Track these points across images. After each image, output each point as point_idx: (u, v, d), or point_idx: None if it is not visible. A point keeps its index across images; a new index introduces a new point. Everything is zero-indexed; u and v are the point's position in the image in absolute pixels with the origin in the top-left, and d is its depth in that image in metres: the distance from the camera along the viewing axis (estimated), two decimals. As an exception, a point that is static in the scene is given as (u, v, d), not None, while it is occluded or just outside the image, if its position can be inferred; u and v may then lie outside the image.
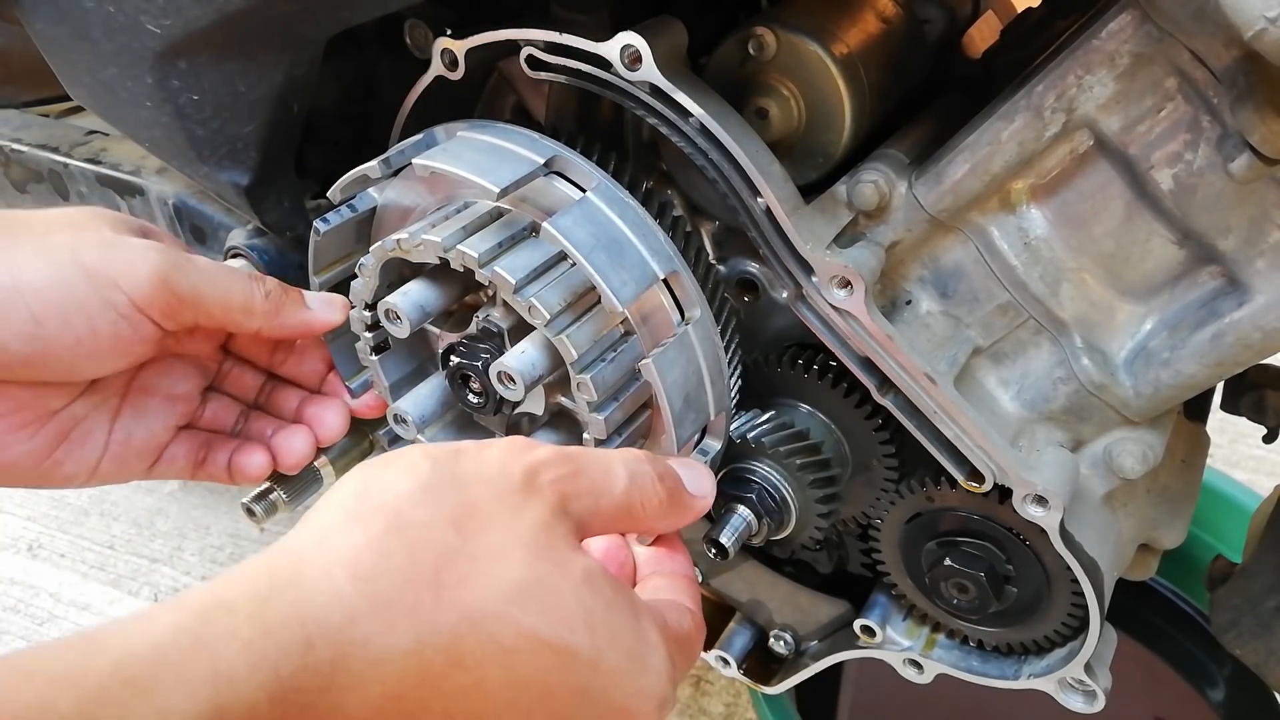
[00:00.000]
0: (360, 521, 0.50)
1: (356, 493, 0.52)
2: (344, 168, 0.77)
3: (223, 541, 1.89)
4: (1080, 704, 0.82)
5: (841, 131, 0.77)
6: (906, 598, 0.88)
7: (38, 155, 1.06)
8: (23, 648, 0.44)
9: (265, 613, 0.46)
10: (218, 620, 0.45)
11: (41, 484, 0.74)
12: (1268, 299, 0.66)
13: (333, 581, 0.48)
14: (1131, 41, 0.63)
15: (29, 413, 0.72)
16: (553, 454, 0.57)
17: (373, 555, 0.49)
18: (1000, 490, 0.74)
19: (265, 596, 0.47)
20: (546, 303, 0.66)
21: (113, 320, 0.68)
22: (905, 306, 0.78)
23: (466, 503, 0.53)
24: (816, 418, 0.85)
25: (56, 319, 0.66)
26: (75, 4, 0.72)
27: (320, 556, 0.49)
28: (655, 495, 0.61)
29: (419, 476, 0.53)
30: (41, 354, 0.66)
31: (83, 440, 0.75)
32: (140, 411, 0.78)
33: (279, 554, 0.50)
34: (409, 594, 0.49)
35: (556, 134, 0.73)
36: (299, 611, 0.46)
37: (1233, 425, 1.18)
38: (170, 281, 0.69)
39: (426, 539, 0.50)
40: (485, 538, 0.52)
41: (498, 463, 0.55)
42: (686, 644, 0.60)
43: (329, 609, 0.47)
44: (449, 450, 0.56)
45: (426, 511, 0.51)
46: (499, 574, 0.51)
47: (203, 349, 0.81)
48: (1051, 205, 0.72)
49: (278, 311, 0.75)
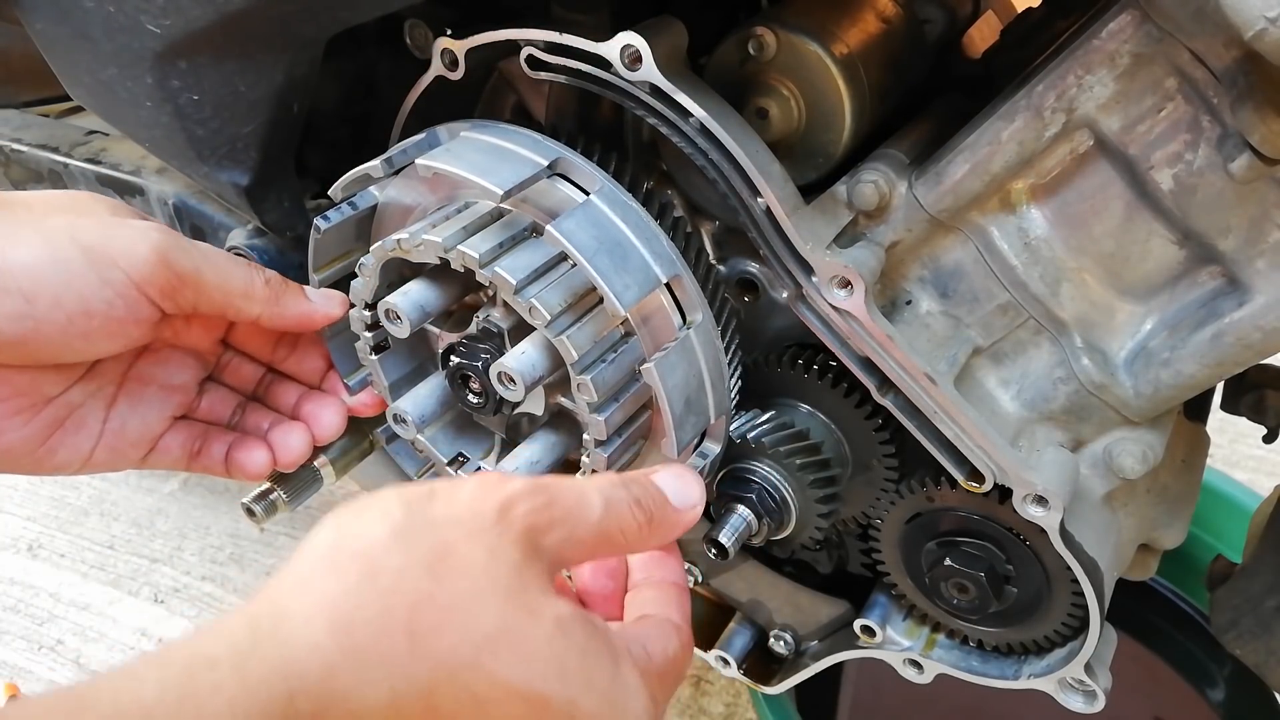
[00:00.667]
0: (335, 570, 0.51)
1: (331, 542, 0.52)
2: (344, 168, 0.77)
3: (223, 541, 1.89)
4: (1080, 704, 0.82)
5: (841, 131, 0.77)
6: (906, 598, 0.88)
7: (38, 155, 1.06)
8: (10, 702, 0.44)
9: (247, 667, 0.46)
10: (202, 677, 0.46)
11: (34, 470, 0.74)
12: (1268, 299, 0.66)
13: (311, 633, 0.48)
14: (1131, 41, 0.63)
15: (24, 398, 0.71)
16: (525, 486, 0.57)
17: (349, 605, 0.49)
18: (1000, 490, 0.74)
19: (247, 651, 0.47)
20: (547, 303, 0.66)
21: (108, 299, 0.67)
22: (905, 306, 0.78)
23: (439, 546, 0.53)
24: (816, 418, 0.85)
25: (47, 298, 0.66)
26: (75, 4, 0.72)
27: (299, 607, 0.49)
28: (633, 520, 0.60)
29: (392, 522, 0.53)
30: (33, 333, 0.66)
31: (77, 427, 0.75)
32: (136, 400, 0.78)
33: (259, 605, 0.50)
34: (383, 643, 0.49)
35: (557, 134, 0.73)
36: (281, 666, 0.47)
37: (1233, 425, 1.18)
38: (170, 260, 0.69)
39: (399, 586, 0.51)
40: (458, 582, 0.52)
41: (469, 502, 0.55)
42: (672, 670, 0.60)
43: (308, 662, 0.48)
44: (422, 493, 0.56)
45: (399, 557, 0.51)
46: (471, 623, 0.51)
47: (203, 341, 0.80)
48: (1051, 205, 0.72)
49: (278, 299, 0.75)
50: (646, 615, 0.64)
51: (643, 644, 0.59)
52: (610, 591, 0.69)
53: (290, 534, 1.89)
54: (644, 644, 0.59)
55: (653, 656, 0.59)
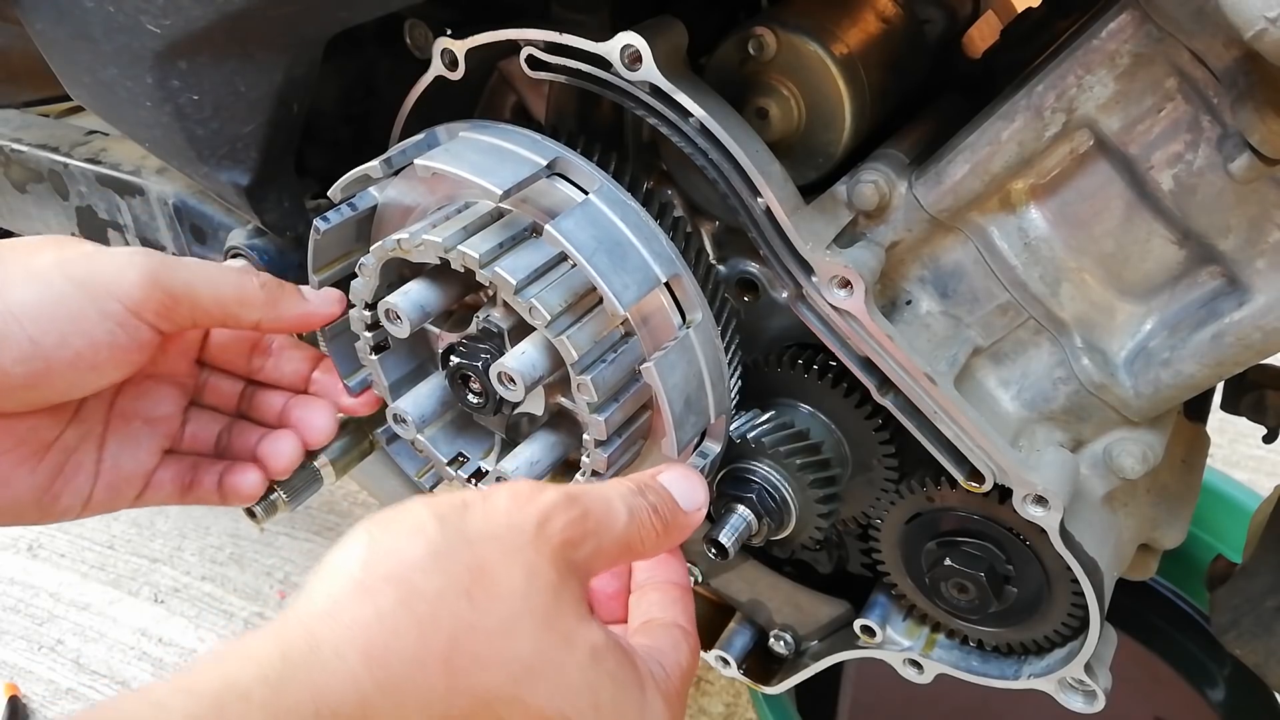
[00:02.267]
0: (369, 595, 0.50)
1: (363, 561, 0.52)
2: (344, 168, 0.77)
3: (223, 541, 1.89)
4: (1080, 704, 0.82)
5: (841, 131, 0.77)
6: (906, 598, 0.88)
7: (38, 155, 1.06)
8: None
9: (279, 700, 0.46)
10: (231, 709, 0.45)
11: (40, 519, 0.74)
12: (1268, 299, 0.66)
13: (346, 664, 0.48)
14: (1131, 41, 0.63)
15: (27, 446, 0.72)
16: (559, 499, 0.57)
17: (385, 634, 0.49)
18: (1000, 490, 0.74)
19: (278, 681, 0.46)
20: (547, 304, 0.66)
21: (109, 330, 0.67)
22: (905, 306, 0.78)
23: (476, 566, 0.52)
24: (816, 418, 0.85)
25: (53, 336, 0.65)
26: (75, 4, 0.72)
27: (331, 635, 0.48)
28: (652, 529, 0.61)
29: (428, 540, 0.52)
30: (44, 373, 0.66)
31: (76, 471, 0.75)
32: (124, 438, 0.77)
33: (291, 628, 0.49)
34: (420, 676, 0.49)
35: (557, 134, 0.73)
36: (313, 698, 0.46)
37: (1233, 425, 1.18)
38: (161, 280, 0.69)
39: (437, 614, 0.50)
40: (496, 607, 0.51)
41: (506, 515, 0.55)
42: (685, 681, 0.61)
43: (343, 694, 0.47)
44: (455, 505, 0.55)
45: (437, 581, 0.51)
46: (509, 653, 0.51)
47: (179, 365, 0.80)
48: (1051, 205, 0.72)
49: (275, 302, 0.74)
50: (652, 619, 0.65)
51: (660, 663, 0.59)
52: (614, 592, 0.70)
53: (290, 534, 1.89)
54: (661, 663, 0.59)
55: (670, 675, 0.59)
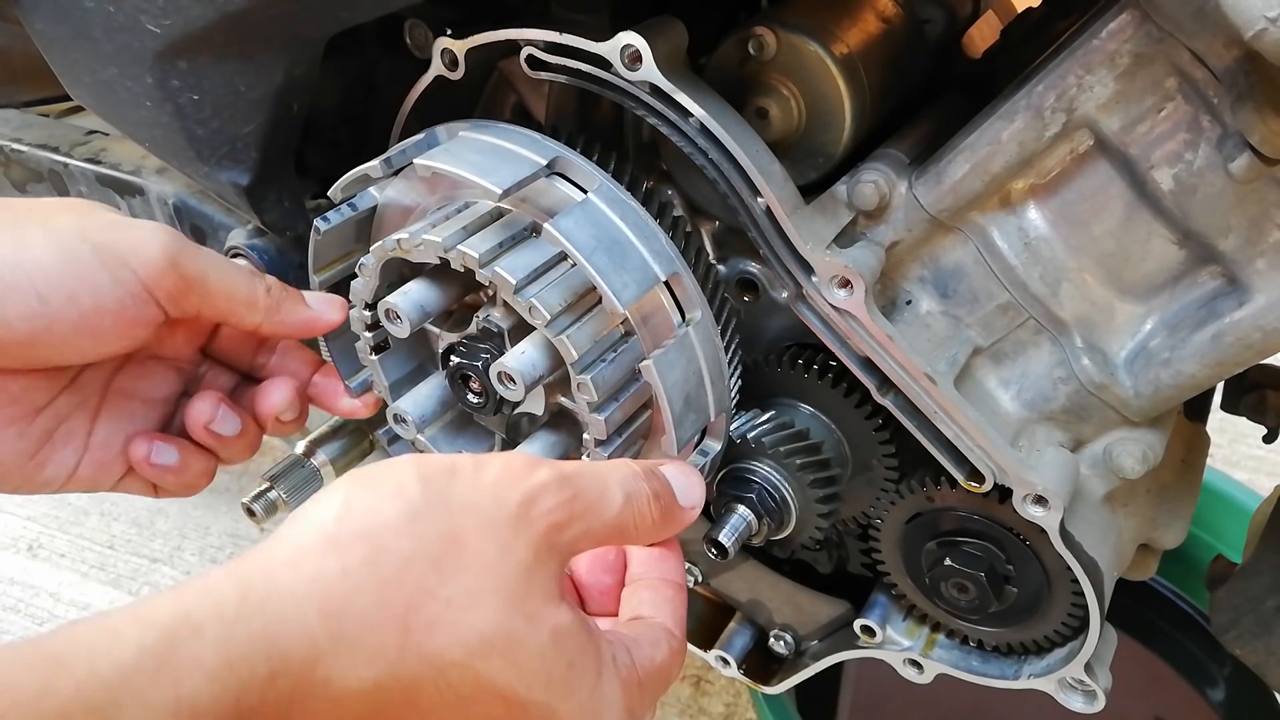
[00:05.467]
0: (337, 549, 0.50)
1: (338, 514, 0.51)
2: (344, 168, 0.77)
3: (223, 541, 1.89)
4: (1080, 704, 0.82)
5: (841, 131, 0.77)
6: (906, 598, 0.88)
7: (38, 155, 1.06)
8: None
9: (231, 640, 0.46)
10: (184, 643, 0.45)
11: (23, 486, 0.74)
12: (1268, 299, 0.66)
13: (302, 614, 0.48)
14: (1132, 41, 0.63)
15: (19, 406, 0.71)
16: (550, 479, 0.56)
17: (345, 589, 0.49)
18: (1000, 490, 0.74)
19: (232, 621, 0.46)
20: (547, 303, 0.66)
21: (118, 298, 0.67)
22: (905, 306, 0.78)
23: (451, 533, 0.52)
24: (817, 418, 0.85)
25: (61, 296, 0.65)
26: (75, 4, 0.72)
27: (292, 582, 0.48)
28: (649, 515, 0.61)
29: (407, 500, 0.52)
30: (45, 331, 0.66)
31: (65, 440, 0.74)
32: (119, 415, 0.77)
33: (252, 570, 0.49)
34: (374, 634, 0.49)
35: (557, 134, 0.73)
36: (266, 644, 0.46)
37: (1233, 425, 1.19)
38: (179, 262, 0.69)
39: (401, 576, 0.50)
40: (462, 579, 0.51)
41: (492, 487, 0.54)
42: (657, 677, 0.60)
43: (295, 643, 0.47)
44: (443, 468, 0.54)
45: (407, 544, 0.51)
46: (468, 623, 0.51)
47: (184, 350, 0.80)
48: (1051, 205, 0.72)
49: (279, 307, 0.74)
50: (640, 617, 0.64)
51: (629, 651, 0.59)
52: (607, 587, 0.69)
53: (290, 534, 1.90)
54: (630, 651, 0.59)
55: (637, 665, 0.59)
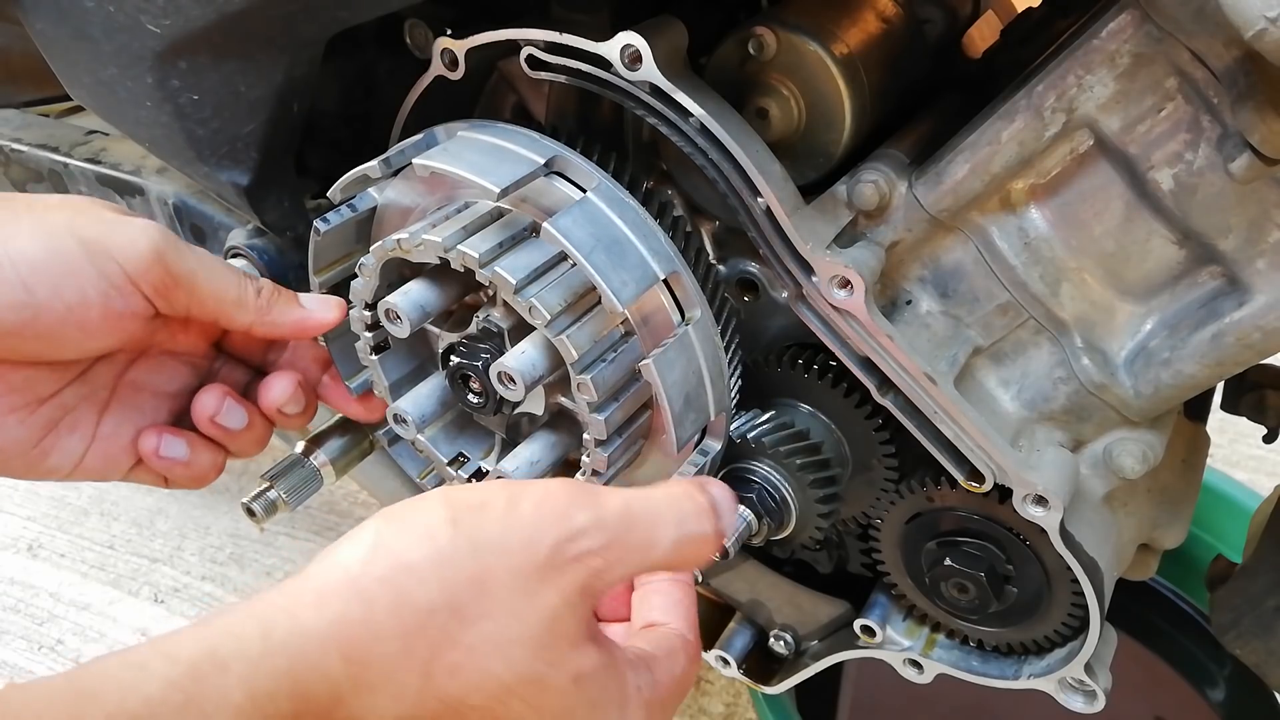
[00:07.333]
0: (361, 597, 0.50)
1: (364, 558, 0.51)
2: (344, 168, 0.77)
3: (223, 541, 1.89)
4: (1080, 704, 0.82)
5: (841, 131, 0.77)
6: (906, 598, 0.88)
7: (38, 155, 1.06)
8: (10, 686, 0.44)
9: (257, 678, 0.47)
10: (210, 680, 0.46)
11: (26, 473, 0.74)
12: (1268, 299, 0.66)
13: (325, 657, 0.48)
14: (1132, 41, 0.63)
15: (20, 396, 0.72)
16: (590, 523, 0.53)
17: (367, 636, 0.49)
18: (1000, 490, 0.74)
19: (258, 659, 0.47)
20: (547, 303, 0.66)
21: (104, 291, 0.68)
22: (905, 306, 0.78)
23: (478, 578, 0.51)
24: (816, 418, 0.85)
25: (47, 287, 0.66)
26: (75, 4, 0.72)
27: (316, 625, 0.49)
28: (696, 559, 0.59)
29: (435, 545, 0.51)
30: (31, 323, 0.66)
31: (70, 430, 0.75)
32: (130, 408, 0.77)
33: (274, 608, 0.49)
34: (396, 678, 0.49)
35: (557, 134, 0.73)
36: (290, 683, 0.47)
37: (1233, 425, 1.18)
38: (166, 259, 0.69)
39: (425, 625, 0.50)
40: (485, 626, 0.51)
41: (525, 529, 0.53)
42: (677, 689, 0.60)
43: (318, 686, 0.48)
44: (473, 505, 0.53)
45: (433, 591, 0.50)
46: (490, 670, 0.51)
47: (198, 345, 0.80)
48: (1051, 205, 0.72)
49: (270, 309, 0.75)
50: (654, 624, 0.64)
51: (650, 670, 0.59)
52: (618, 592, 0.69)
53: (290, 534, 1.89)
54: (651, 670, 0.59)
55: (659, 684, 0.59)
